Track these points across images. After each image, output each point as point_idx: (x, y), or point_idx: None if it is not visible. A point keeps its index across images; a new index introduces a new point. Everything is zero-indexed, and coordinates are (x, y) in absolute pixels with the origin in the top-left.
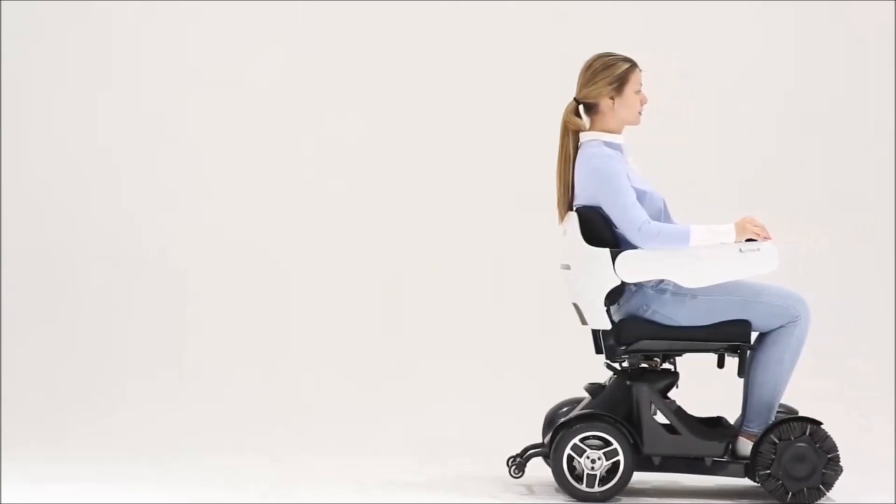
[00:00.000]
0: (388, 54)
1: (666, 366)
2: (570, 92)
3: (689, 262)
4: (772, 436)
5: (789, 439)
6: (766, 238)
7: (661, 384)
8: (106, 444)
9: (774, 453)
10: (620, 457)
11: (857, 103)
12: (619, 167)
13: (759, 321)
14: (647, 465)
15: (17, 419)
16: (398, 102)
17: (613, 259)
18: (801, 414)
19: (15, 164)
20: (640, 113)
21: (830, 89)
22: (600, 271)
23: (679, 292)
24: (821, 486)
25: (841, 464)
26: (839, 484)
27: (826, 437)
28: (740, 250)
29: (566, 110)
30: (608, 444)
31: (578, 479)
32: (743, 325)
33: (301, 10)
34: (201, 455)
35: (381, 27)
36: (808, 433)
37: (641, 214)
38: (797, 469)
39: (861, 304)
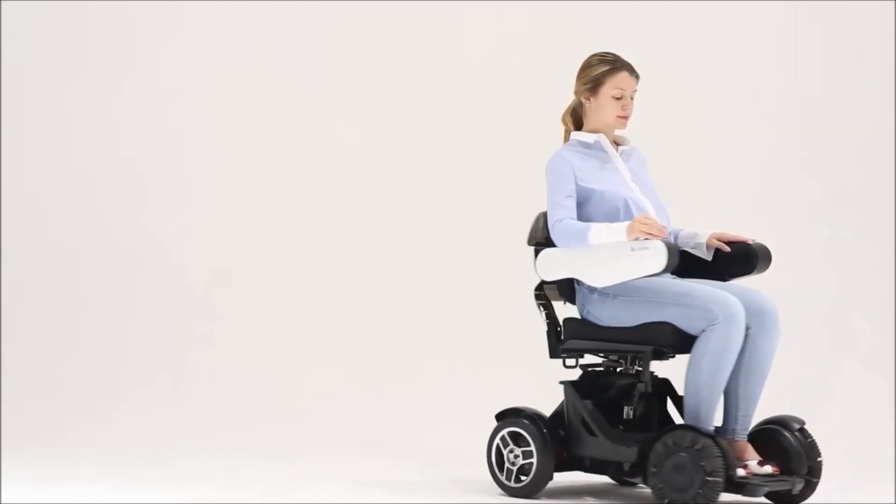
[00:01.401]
0: (394, 55)
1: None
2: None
3: (591, 261)
4: (667, 437)
5: (678, 447)
6: (655, 237)
7: (618, 385)
8: (106, 444)
9: (662, 456)
10: (534, 456)
11: (857, 103)
12: (560, 166)
13: (681, 324)
14: (580, 466)
15: (17, 419)
16: (398, 104)
17: (535, 257)
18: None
19: (15, 163)
20: (620, 117)
21: (831, 89)
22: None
23: (603, 292)
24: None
25: (719, 490)
26: (839, 483)
27: (714, 457)
28: (632, 249)
29: (565, 109)
30: (527, 441)
31: (506, 471)
32: (665, 327)
33: (321, 10)
34: (201, 455)
35: (389, 26)
36: (696, 446)
37: (559, 213)
38: (675, 478)
39: (861, 304)
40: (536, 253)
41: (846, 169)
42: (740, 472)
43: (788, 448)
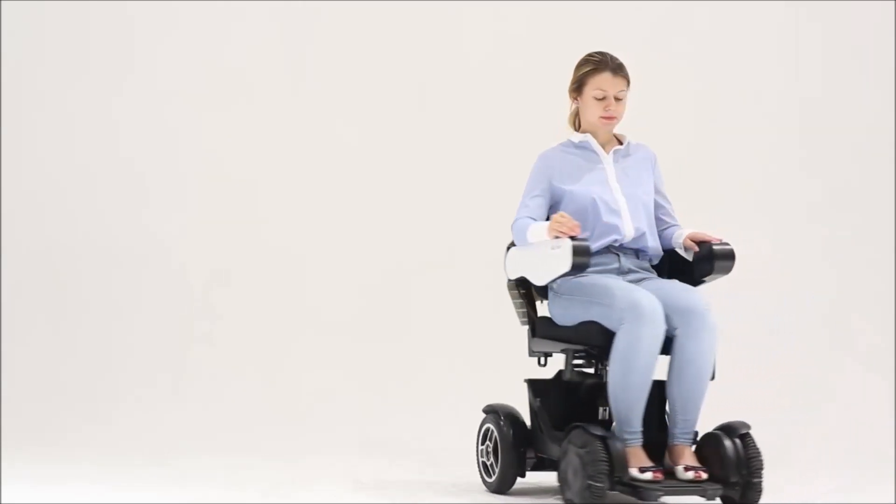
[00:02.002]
0: (394, 55)
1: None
2: None
3: (530, 260)
4: (568, 437)
5: (574, 447)
6: (565, 235)
7: (587, 385)
8: (106, 444)
9: (562, 455)
10: (499, 453)
11: (857, 103)
12: (537, 165)
13: (605, 323)
14: (552, 466)
15: (17, 419)
16: (398, 104)
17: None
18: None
19: (15, 163)
20: (603, 118)
21: (831, 89)
22: None
23: (555, 290)
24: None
25: (600, 493)
26: (839, 483)
27: (597, 461)
28: (551, 248)
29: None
30: (494, 438)
31: (480, 465)
32: (593, 326)
33: (321, 10)
34: (201, 455)
35: (389, 26)
36: (586, 448)
37: (519, 212)
38: (570, 478)
39: (861, 304)
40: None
41: (846, 169)
42: (638, 475)
43: (722, 455)
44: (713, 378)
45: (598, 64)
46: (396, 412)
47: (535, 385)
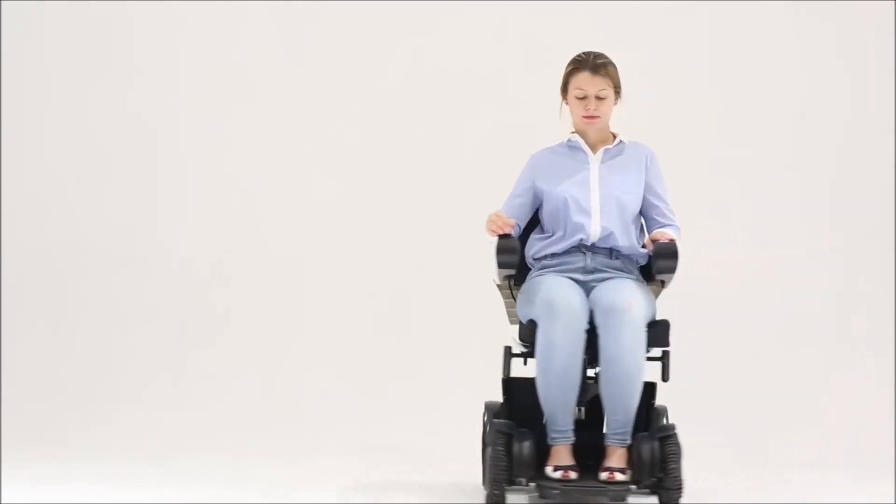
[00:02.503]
0: (394, 56)
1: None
2: None
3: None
4: (488, 431)
5: (487, 444)
6: (494, 233)
7: None
8: (106, 444)
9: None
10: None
11: (857, 103)
12: (525, 165)
13: (537, 321)
14: None
15: (17, 419)
16: (398, 104)
17: None
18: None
19: (15, 163)
20: (584, 118)
21: (831, 89)
22: None
23: (519, 289)
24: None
25: (497, 490)
26: (839, 483)
27: (495, 459)
28: (490, 243)
29: None
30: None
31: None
32: (531, 325)
33: (321, 10)
34: (201, 455)
35: (389, 27)
36: (495, 445)
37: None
38: (486, 473)
39: (861, 304)
40: None
41: (846, 169)
42: (551, 473)
43: (638, 457)
44: (666, 380)
45: (579, 64)
46: (396, 412)
47: (508, 384)
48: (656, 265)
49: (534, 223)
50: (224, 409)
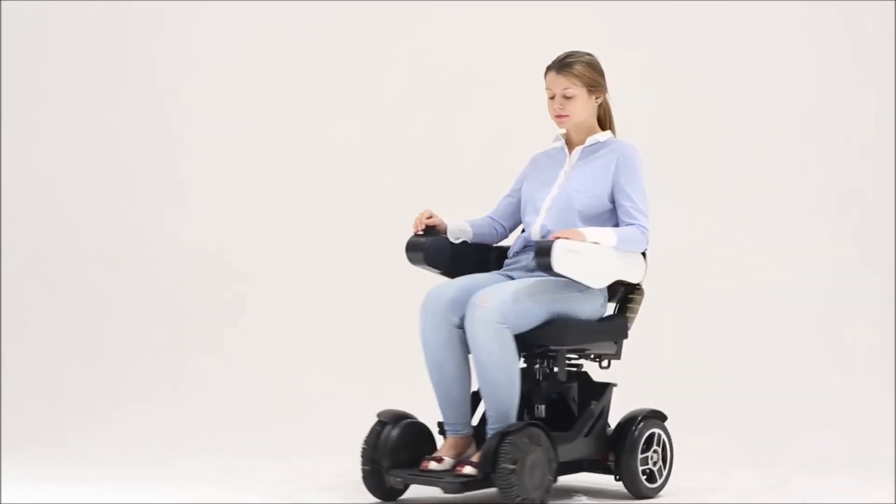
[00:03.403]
0: (394, 55)
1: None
2: None
3: None
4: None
5: None
6: (414, 231)
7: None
8: (106, 444)
9: None
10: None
11: (857, 104)
12: (525, 166)
13: None
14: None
15: (17, 419)
16: (398, 104)
17: None
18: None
19: (16, 163)
20: (555, 117)
21: (831, 90)
22: None
23: None
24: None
25: (365, 477)
26: (839, 483)
27: (365, 446)
28: None
29: None
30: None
31: None
32: None
33: (321, 10)
34: (201, 455)
35: (389, 27)
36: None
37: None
38: None
39: (861, 304)
40: None
41: (846, 169)
42: (433, 465)
43: (483, 452)
44: (563, 378)
45: (549, 64)
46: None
47: None
48: (535, 261)
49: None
50: (224, 410)
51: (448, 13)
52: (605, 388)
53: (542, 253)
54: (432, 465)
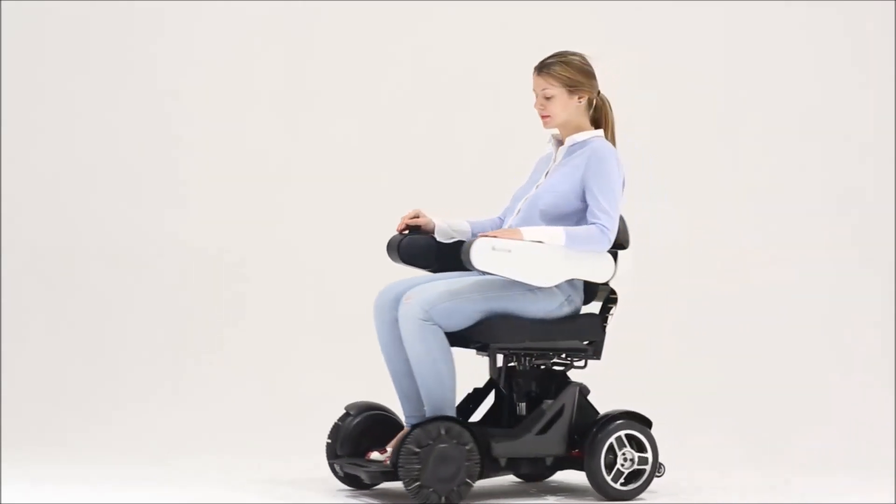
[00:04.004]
0: (394, 55)
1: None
2: None
3: None
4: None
5: None
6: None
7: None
8: (106, 444)
9: None
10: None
11: (857, 104)
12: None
13: None
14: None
15: (17, 419)
16: (398, 104)
17: None
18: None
19: (16, 163)
20: (540, 118)
21: (831, 90)
22: None
23: None
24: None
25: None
26: (839, 483)
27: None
28: None
29: None
30: None
31: None
32: None
33: (320, 10)
34: (201, 455)
35: (389, 27)
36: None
37: None
38: None
39: (861, 305)
40: None
41: (846, 169)
42: (374, 455)
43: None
44: (496, 377)
45: (535, 66)
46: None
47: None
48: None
49: None
50: (224, 410)
51: (448, 13)
52: (564, 387)
53: (463, 252)
54: (374, 454)
